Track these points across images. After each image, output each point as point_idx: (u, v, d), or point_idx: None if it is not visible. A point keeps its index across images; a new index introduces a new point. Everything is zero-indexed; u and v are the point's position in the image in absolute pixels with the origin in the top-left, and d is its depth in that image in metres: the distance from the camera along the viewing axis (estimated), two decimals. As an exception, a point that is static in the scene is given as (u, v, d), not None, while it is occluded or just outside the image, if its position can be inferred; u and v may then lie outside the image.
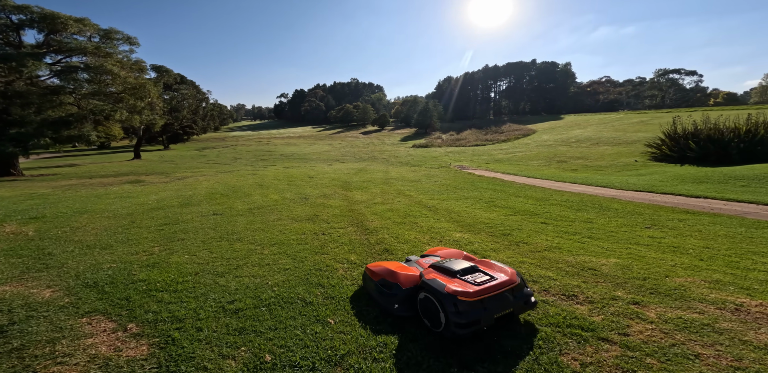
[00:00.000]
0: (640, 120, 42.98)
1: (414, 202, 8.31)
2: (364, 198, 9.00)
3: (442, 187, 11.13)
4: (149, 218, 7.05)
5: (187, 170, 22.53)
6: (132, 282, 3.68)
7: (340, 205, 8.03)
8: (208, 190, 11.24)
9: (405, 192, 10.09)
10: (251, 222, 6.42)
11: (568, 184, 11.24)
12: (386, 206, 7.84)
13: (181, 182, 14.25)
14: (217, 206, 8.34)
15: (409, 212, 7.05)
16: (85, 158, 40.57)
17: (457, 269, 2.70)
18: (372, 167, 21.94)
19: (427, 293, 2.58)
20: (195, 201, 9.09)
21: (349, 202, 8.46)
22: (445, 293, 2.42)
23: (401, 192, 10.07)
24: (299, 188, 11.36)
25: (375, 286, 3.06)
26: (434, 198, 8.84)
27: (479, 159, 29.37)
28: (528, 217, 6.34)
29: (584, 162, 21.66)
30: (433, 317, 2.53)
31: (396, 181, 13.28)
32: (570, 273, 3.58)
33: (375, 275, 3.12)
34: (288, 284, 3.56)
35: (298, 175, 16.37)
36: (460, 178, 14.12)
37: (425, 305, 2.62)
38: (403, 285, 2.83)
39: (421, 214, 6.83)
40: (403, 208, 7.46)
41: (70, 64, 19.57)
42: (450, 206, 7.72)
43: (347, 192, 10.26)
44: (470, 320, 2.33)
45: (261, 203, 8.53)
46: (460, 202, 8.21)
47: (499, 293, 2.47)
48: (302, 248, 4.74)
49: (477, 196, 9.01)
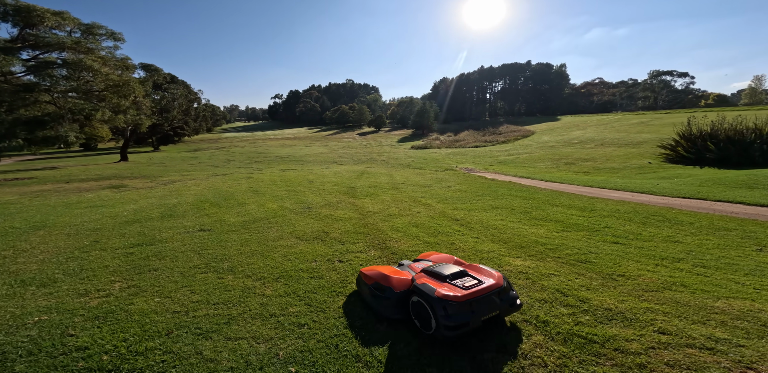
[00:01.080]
0: (640, 121, 42.64)
1: (436, 213, 7.13)
2: (376, 208, 7.80)
3: (460, 193, 9.98)
4: (119, 235, 5.74)
5: (176, 173, 21.05)
6: (64, 353, 2.41)
7: (351, 217, 6.82)
8: (196, 197, 9.91)
9: (420, 200, 8.91)
10: (246, 242, 5.17)
11: (598, 189, 10.19)
12: (406, 218, 6.65)
13: (167, 188, 12.85)
14: (204, 218, 7.05)
15: (437, 227, 5.86)
16: (68, 161, 38.54)
17: (447, 274, 2.75)
18: (373, 170, 20.73)
19: (419, 296, 2.64)
20: (179, 212, 7.77)
21: (360, 213, 7.25)
22: (435, 297, 2.47)
23: (416, 200, 8.89)
24: (299, 194, 10.10)
25: (368, 289, 3.06)
26: (458, 208, 7.68)
27: (482, 161, 28.37)
28: (588, 234, 5.20)
29: (593, 164, 20.76)
30: (425, 320, 2.59)
31: (405, 186, 12.10)
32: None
33: (369, 279, 3.10)
34: (310, 359, 2.33)
35: (296, 179, 15.09)
36: (474, 182, 13.00)
37: (417, 309, 2.68)
38: (396, 289, 2.85)
39: (452, 230, 5.64)
40: (428, 221, 6.28)
41: (45, 59, 18.01)
42: (482, 218, 6.55)
43: (354, 200, 9.04)
44: (459, 322, 2.38)
45: (257, 214, 7.27)
46: (490, 213, 7.05)
47: (486, 297, 2.52)
48: (318, 286, 3.52)
49: (506, 205, 7.87)
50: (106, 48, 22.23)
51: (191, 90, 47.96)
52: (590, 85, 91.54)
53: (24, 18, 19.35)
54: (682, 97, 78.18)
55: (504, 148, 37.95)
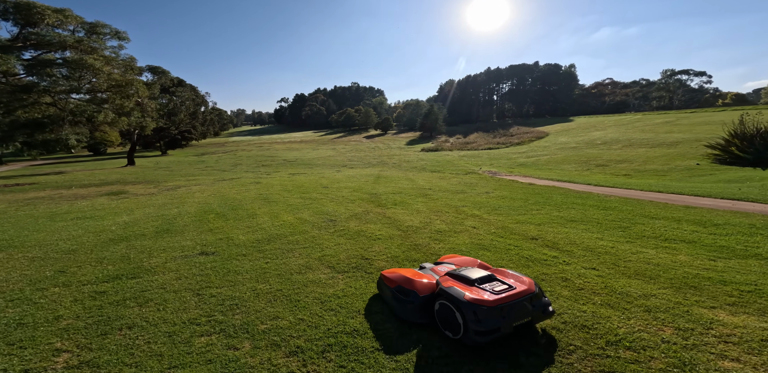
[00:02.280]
0: (665, 120, 40.64)
1: (497, 228, 5.67)
2: (416, 221, 6.36)
3: (506, 201, 8.49)
4: (96, 261, 4.40)
5: (182, 178, 19.92)
6: None
7: (391, 235, 5.39)
8: (199, 206, 8.59)
9: (464, 210, 7.45)
10: (263, 274, 3.78)
11: (672, 195, 8.61)
12: (463, 236, 5.20)
13: (169, 194, 11.60)
14: (208, 234, 5.70)
15: (517, 250, 4.41)
16: (76, 165, 37.93)
17: (475, 278, 2.64)
18: (389, 174, 19.34)
19: (446, 300, 2.54)
20: (178, 226, 6.44)
21: (399, 228, 5.83)
22: (464, 301, 2.39)
23: (459, 210, 7.44)
24: (317, 203, 8.72)
25: (391, 293, 2.93)
26: (520, 221, 6.20)
27: (500, 163, 26.79)
28: (764, 263, 3.68)
29: (630, 166, 19.06)
30: (452, 325, 2.50)
31: (433, 192, 10.65)
32: None
33: (391, 282, 2.98)
34: None
35: (309, 184, 13.74)
36: (511, 187, 11.49)
37: (443, 313, 2.57)
38: (420, 292, 2.75)
39: (543, 255, 4.18)
40: (497, 242, 4.82)
41: (43, 57, 17.07)
42: (567, 235, 5.07)
43: (383, 210, 7.62)
44: (490, 328, 2.31)
45: (271, 229, 5.89)
46: (572, 228, 5.55)
47: (518, 302, 2.43)
48: (397, 370, 2.08)
49: (582, 216, 6.36)
50: (110, 48, 21.37)
51: (198, 93, 47.32)
52: (601, 86, 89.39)
53: (24, 16, 18.52)
54: (699, 97, 75.94)
55: (520, 150, 36.31)
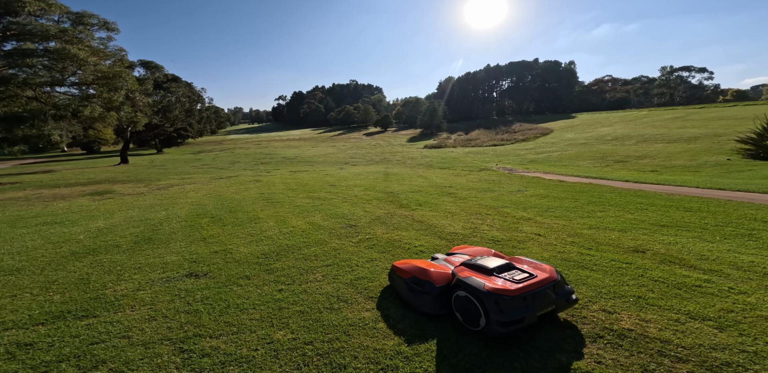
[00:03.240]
0: (674, 116, 39.67)
1: (575, 237, 4.52)
2: (456, 226, 5.21)
3: (552, 201, 7.34)
4: (41, 286, 3.21)
5: (176, 176, 18.66)
6: None
7: (435, 245, 4.24)
8: (192, 208, 7.38)
9: (507, 211, 6.30)
10: (278, 312, 2.62)
11: (736, 192, 7.51)
12: (535, 248, 4.06)
13: (160, 194, 10.37)
14: (199, 245, 4.51)
15: (648, 273, 3.25)
16: (68, 164, 36.44)
17: (493, 267, 2.56)
18: (396, 171, 18.17)
19: (464, 291, 2.46)
20: (163, 233, 5.24)
21: (439, 236, 4.67)
22: (485, 291, 2.31)
23: (501, 212, 6.28)
24: (328, 203, 7.53)
25: (405, 284, 2.84)
26: (592, 226, 5.03)
27: (510, 160, 25.67)
28: None
29: (654, 162, 17.97)
30: (472, 316, 2.41)
31: (456, 190, 9.49)
32: None
33: (404, 273, 2.88)
34: None
35: (314, 182, 12.55)
36: (547, 185, 10.34)
37: (462, 304, 2.49)
38: (436, 283, 2.67)
39: (698, 282, 3.02)
40: (599, 260, 3.66)
41: (21, 46, 15.70)
42: (693, 248, 3.91)
43: (409, 212, 6.46)
44: (513, 318, 2.23)
45: (280, 238, 4.72)
46: (680, 237, 4.39)
47: (541, 290, 2.35)
48: None
49: (671, 220, 5.20)
50: (98, 39, 19.98)
51: (194, 90, 45.77)
52: (602, 83, 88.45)
53: (3, 4, 17.12)
54: (700, 94, 75.40)
55: (527, 147, 35.22)
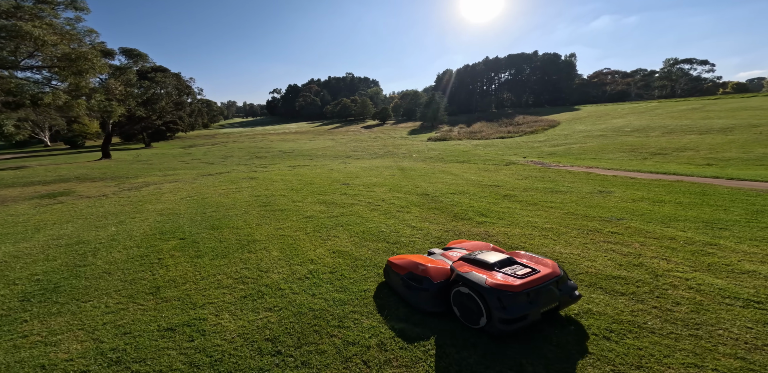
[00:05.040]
0: (690, 108, 37.95)
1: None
2: (590, 256, 3.29)
3: (674, 208, 5.42)
4: None
5: (158, 173, 16.50)
6: None
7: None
8: (158, 220, 5.34)
9: (638, 228, 4.40)
10: None
11: None
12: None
13: (126, 197, 8.29)
14: (143, 311, 2.57)
15: None
16: (46, 159, 33.84)
17: (494, 262, 2.46)
18: (410, 165, 16.19)
19: (464, 287, 2.35)
20: (90, 273, 3.26)
21: (601, 289, 2.71)
22: (486, 286, 2.22)
23: (631, 229, 4.39)
24: (348, 211, 5.54)
25: (402, 280, 2.76)
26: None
27: (526, 152, 23.73)
28: None
29: (698, 154, 16.11)
30: (472, 313, 2.31)
31: (506, 190, 7.56)
32: None
33: (401, 269, 2.81)
34: None
35: (320, 179, 10.53)
36: (628, 185, 8.44)
37: (462, 300, 2.39)
38: (435, 279, 2.58)
39: None
40: None
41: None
42: None
43: (479, 228, 4.51)
44: (517, 315, 2.13)
45: (292, 288, 2.79)
46: None
47: (545, 286, 2.25)
48: None
49: None
50: (65, 19, 17.45)
51: (182, 80, 42.93)
52: (602, 75, 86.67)
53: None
54: (701, 86, 74.20)
55: (539, 139, 33.30)
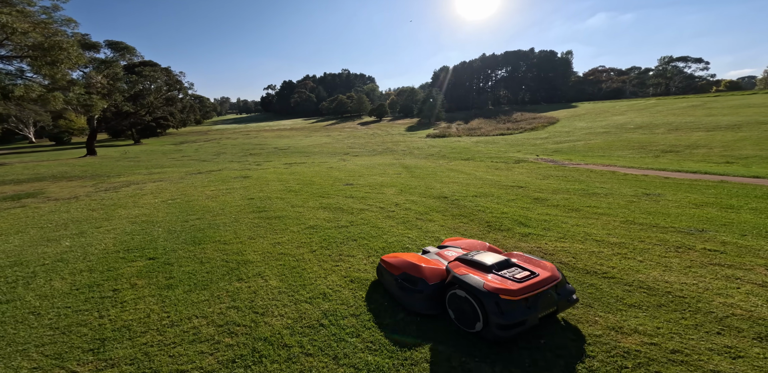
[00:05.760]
0: (691, 105, 37.61)
1: None
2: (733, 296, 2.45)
3: (756, 215, 4.63)
4: None
5: (144, 171, 15.41)
6: None
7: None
8: (128, 231, 4.43)
9: (743, 244, 3.55)
10: None
11: None
12: None
13: (100, 199, 7.31)
14: None
15: None
16: (28, 156, 32.27)
17: (491, 264, 2.33)
18: (413, 163, 15.34)
19: (461, 290, 2.23)
20: (11, 317, 2.33)
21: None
22: (484, 290, 2.09)
23: (731, 245, 3.54)
24: (359, 220, 4.67)
25: (395, 281, 2.61)
26: None
27: (528, 150, 23.01)
28: None
29: (713, 151, 15.50)
30: (468, 317, 2.20)
31: (533, 191, 6.76)
32: None
33: (394, 269, 2.64)
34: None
35: (320, 179, 9.63)
36: (668, 186, 7.70)
37: (457, 304, 2.27)
38: (430, 280, 2.44)
39: None
40: None
41: None
42: None
43: (526, 243, 3.66)
44: (514, 320, 2.02)
45: (303, 347, 1.86)
46: None
47: (544, 291, 2.14)
48: None
49: None
50: (41, 7, 16.09)
51: (172, 75, 41.31)
52: (598, 72, 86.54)
53: None
54: (695, 84, 74.50)
55: (540, 136, 32.64)
